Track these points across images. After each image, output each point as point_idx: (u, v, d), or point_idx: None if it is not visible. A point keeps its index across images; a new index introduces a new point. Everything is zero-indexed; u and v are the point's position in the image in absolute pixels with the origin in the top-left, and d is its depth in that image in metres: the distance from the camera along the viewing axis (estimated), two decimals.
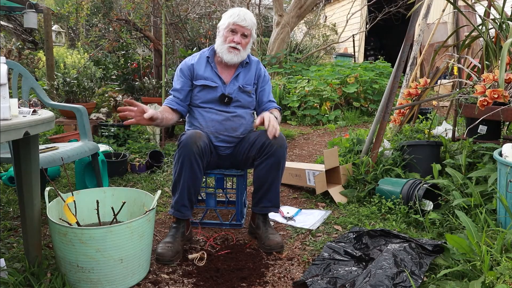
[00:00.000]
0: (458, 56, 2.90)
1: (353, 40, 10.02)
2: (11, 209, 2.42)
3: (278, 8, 7.94)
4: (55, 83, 4.42)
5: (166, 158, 3.44)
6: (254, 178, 2.10)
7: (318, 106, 5.94)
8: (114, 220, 1.73)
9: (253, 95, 2.21)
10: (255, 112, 2.31)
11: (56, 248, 1.60)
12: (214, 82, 2.13)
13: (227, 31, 2.09)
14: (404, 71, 3.29)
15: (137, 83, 4.97)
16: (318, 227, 2.28)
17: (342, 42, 9.79)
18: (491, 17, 2.67)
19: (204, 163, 1.99)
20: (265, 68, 7.69)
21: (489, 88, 2.17)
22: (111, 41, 5.87)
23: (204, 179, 2.40)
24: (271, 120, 1.97)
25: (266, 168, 2.02)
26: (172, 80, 2.28)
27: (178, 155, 1.94)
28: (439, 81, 5.58)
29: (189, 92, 2.16)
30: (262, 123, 1.97)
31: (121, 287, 1.61)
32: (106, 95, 4.68)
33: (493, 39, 2.55)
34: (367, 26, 9.40)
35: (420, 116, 3.79)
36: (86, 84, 4.49)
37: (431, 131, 3.18)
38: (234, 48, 2.07)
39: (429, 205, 2.34)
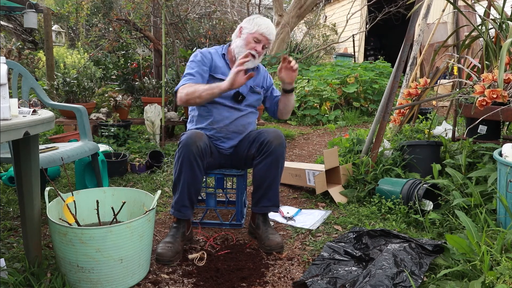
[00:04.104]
0: (458, 56, 2.90)
1: (353, 40, 10.03)
2: (11, 209, 2.42)
3: (278, 8, 7.94)
4: (55, 83, 4.42)
5: (166, 158, 3.44)
6: (253, 177, 2.10)
7: (318, 106, 5.94)
8: (114, 220, 1.73)
9: (261, 94, 2.28)
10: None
11: (56, 248, 1.60)
12: None
13: (252, 38, 2.09)
14: (404, 71, 3.29)
15: (137, 83, 4.96)
16: (318, 227, 2.28)
17: (342, 42, 9.78)
18: (491, 17, 2.67)
19: (204, 163, 1.99)
20: (265, 68, 7.69)
21: (488, 88, 2.17)
22: (111, 41, 5.86)
23: (204, 179, 2.41)
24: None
25: (265, 167, 2.02)
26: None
27: (178, 155, 1.95)
28: (439, 81, 5.58)
29: (204, 80, 2.13)
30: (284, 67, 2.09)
31: (121, 287, 1.61)
32: (106, 95, 4.68)
33: (493, 39, 2.55)
34: (367, 26, 9.39)
35: (420, 116, 3.79)
36: (86, 84, 4.49)
37: (431, 131, 3.18)
38: (253, 55, 2.08)
39: (429, 205, 2.34)
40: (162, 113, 4.08)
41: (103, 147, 3.31)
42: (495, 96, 2.09)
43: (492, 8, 2.68)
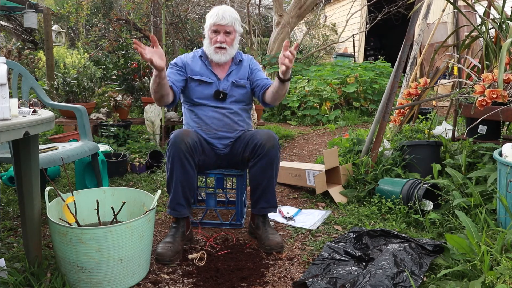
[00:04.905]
0: (458, 56, 2.90)
1: (353, 40, 10.03)
2: (11, 209, 2.42)
3: (278, 8, 7.94)
4: (55, 83, 4.42)
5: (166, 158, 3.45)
6: (249, 180, 2.10)
7: (318, 106, 5.94)
8: (114, 220, 1.73)
9: (247, 87, 2.22)
10: (253, 109, 2.31)
11: (56, 248, 1.60)
12: (209, 78, 2.16)
13: (211, 32, 2.12)
14: (404, 71, 3.29)
15: (137, 83, 4.96)
16: (318, 227, 2.28)
17: (342, 42, 9.79)
18: (491, 17, 2.67)
19: (196, 160, 1.99)
20: (265, 68, 7.67)
21: (488, 88, 2.17)
22: (111, 41, 5.87)
23: (204, 179, 2.40)
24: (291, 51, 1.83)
25: (260, 169, 2.02)
26: None
27: (168, 155, 1.96)
28: (439, 81, 5.58)
29: (182, 81, 2.14)
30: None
31: (121, 287, 1.61)
32: (106, 95, 4.68)
33: (493, 39, 2.55)
34: (367, 26, 9.40)
35: (420, 116, 3.79)
36: (86, 84, 4.49)
37: (431, 131, 3.18)
38: (220, 48, 2.11)
39: (429, 205, 2.34)
40: (162, 113, 4.08)
41: (103, 147, 3.31)
42: (495, 96, 2.09)
43: (492, 8, 2.68)
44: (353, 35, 9.93)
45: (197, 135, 2.06)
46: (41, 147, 2.27)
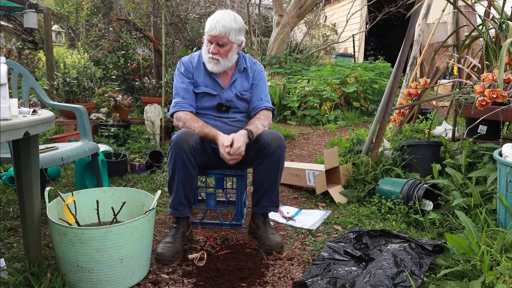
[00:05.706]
0: (458, 56, 2.90)
1: (353, 40, 10.03)
2: (11, 209, 2.42)
3: (278, 8, 7.94)
4: (55, 83, 4.42)
5: (166, 158, 3.45)
6: (253, 178, 2.10)
7: (318, 106, 5.94)
8: (114, 220, 1.73)
9: (249, 102, 2.20)
10: None
11: (56, 248, 1.60)
12: (213, 89, 2.13)
13: (206, 41, 2.07)
14: (404, 71, 3.29)
15: (137, 83, 4.97)
16: (318, 227, 2.28)
17: (342, 42, 9.79)
18: (491, 17, 2.67)
19: (197, 161, 1.98)
20: (265, 68, 7.66)
21: (488, 88, 2.17)
22: (111, 41, 5.87)
23: (204, 179, 2.40)
24: (235, 142, 1.93)
25: (265, 168, 2.02)
26: (172, 80, 2.27)
27: (170, 155, 1.95)
28: (439, 81, 5.58)
29: (194, 93, 2.15)
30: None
31: (121, 287, 1.61)
32: (106, 95, 4.68)
33: (493, 39, 2.55)
34: (367, 26, 9.40)
35: (420, 116, 3.79)
36: (86, 84, 4.49)
37: (431, 131, 3.18)
38: (213, 58, 2.05)
39: (429, 205, 2.34)
40: (162, 113, 4.08)
41: (103, 147, 3.31)
42: (495, 96, 2.09)
43: (492, 8, 2.68)
44: (353, 35, 9.94)
45: (199, 136, 2.06)
46: (41, 147, 2.27)
